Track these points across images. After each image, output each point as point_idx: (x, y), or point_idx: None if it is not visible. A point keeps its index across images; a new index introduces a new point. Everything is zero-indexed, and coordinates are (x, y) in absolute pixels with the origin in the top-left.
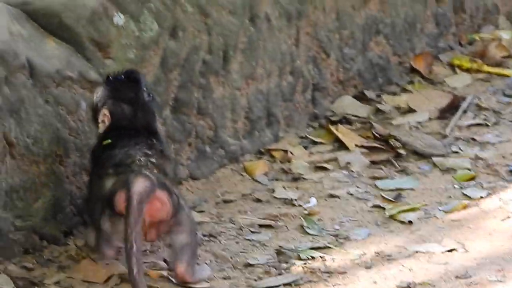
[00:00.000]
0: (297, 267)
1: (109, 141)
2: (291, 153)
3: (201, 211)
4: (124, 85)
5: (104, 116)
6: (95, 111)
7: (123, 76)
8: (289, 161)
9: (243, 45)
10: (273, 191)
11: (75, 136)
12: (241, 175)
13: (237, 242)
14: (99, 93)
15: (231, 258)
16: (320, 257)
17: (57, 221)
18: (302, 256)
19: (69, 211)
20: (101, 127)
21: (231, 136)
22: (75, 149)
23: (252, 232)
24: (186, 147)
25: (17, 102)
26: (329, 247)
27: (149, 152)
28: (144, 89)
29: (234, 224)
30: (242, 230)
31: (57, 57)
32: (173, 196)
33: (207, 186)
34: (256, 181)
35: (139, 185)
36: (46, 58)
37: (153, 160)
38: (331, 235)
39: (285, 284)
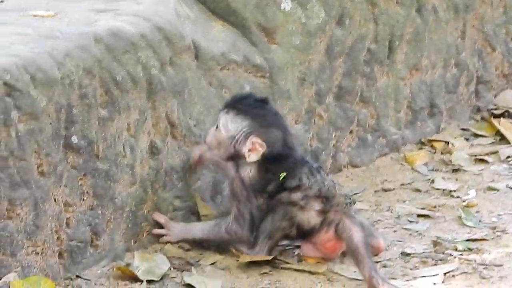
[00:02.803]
0: (453, 258)
1: (285, 173)
2: (452, 144)
3: (360, 199)
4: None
5: (255, 145)
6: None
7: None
8: (449, 152)
9: (409, 35)
10: (433, 181)
11: None
12: (401, 164)
13: (394, 231)
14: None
15: (388, 246)
16: (477, 249)
17: (215, 203)
18: (459, 247)
19: (227, 193)
20: (253, 157)
21: (393, 125)
22: None
23: (409, 221)
24: (348, 134)
25: (181, 83)
26: (486, 240)
27: (334, 181)
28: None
29: (392, 212)
30: (399, 219)
31: (222, 40)
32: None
33: (367, 174)
34: (416, 171)
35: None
36: (212, 41)
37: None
38: (489, 227)
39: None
